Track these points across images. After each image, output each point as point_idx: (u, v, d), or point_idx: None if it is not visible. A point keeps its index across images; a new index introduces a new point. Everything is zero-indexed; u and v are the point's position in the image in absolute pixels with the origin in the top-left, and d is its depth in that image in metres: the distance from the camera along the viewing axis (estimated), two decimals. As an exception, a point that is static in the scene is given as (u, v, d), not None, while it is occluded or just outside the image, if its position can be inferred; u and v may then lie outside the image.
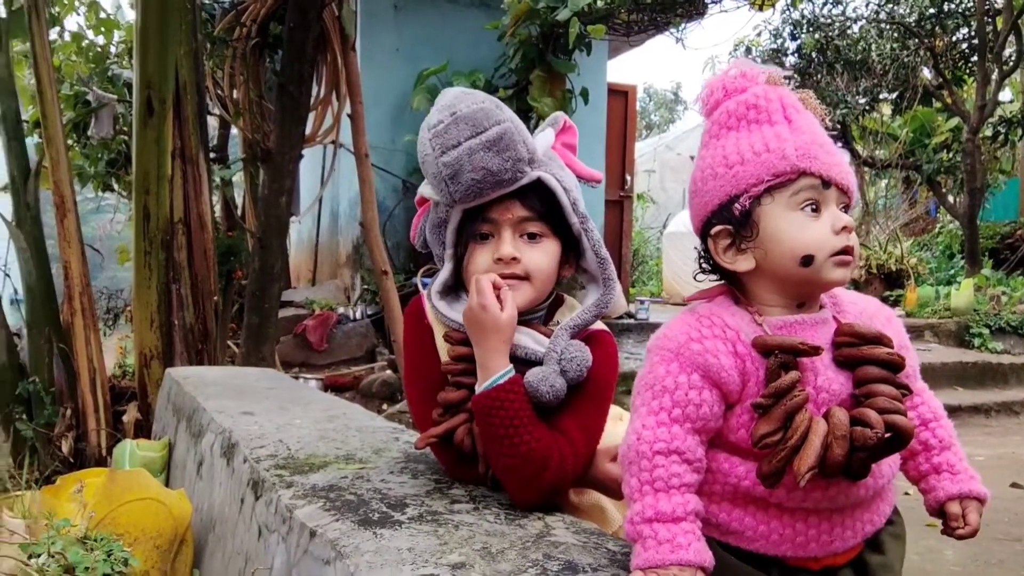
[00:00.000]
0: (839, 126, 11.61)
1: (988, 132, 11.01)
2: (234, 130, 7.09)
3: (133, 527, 1.87)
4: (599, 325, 1.60)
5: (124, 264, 6.34)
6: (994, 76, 10.18)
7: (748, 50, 12.18)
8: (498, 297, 1.46)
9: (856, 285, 9.59)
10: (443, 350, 1.59)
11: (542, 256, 1.52)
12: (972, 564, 3.06)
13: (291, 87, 4.36)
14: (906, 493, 1.30)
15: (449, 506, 1.47)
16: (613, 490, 1.55)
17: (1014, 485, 4.19)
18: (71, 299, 3.80)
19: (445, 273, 1.58)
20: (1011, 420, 6.01)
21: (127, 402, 3.91)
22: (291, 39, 4.41)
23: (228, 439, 2.10)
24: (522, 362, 1.48)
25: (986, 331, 7.69)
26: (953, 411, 5.82)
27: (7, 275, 4.37)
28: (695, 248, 1.28)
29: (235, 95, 5.34)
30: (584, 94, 6.53)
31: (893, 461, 1.24)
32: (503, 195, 1.47)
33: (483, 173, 1.42)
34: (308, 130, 4.79)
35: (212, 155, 6.45)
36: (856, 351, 1.16)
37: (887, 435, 1.09)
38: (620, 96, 8.25)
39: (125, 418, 3.73)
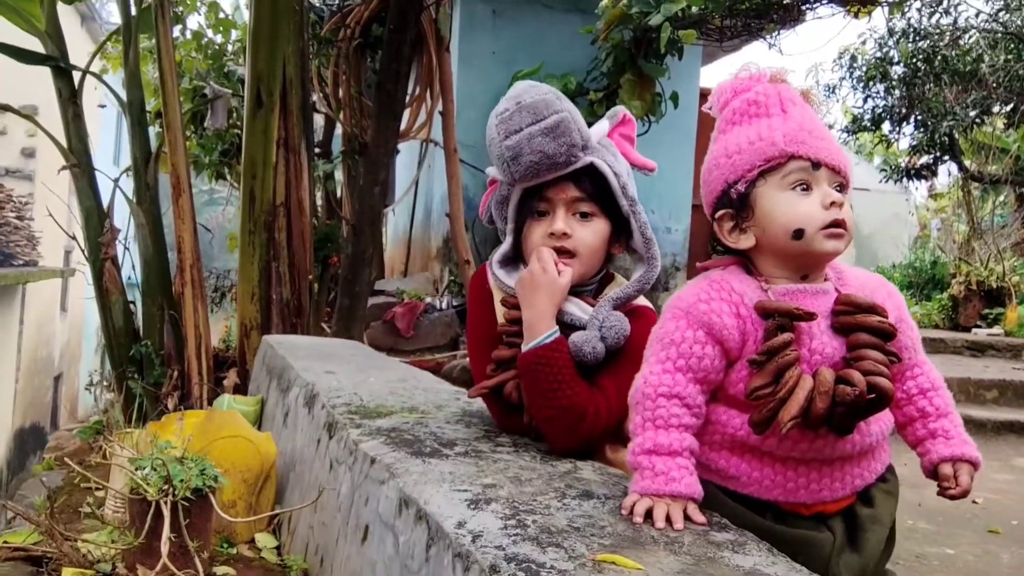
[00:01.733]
0: (946, 138, 11.29)
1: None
2: (338, 129, 7.47)
3: (224, 460, 2.13)
4: (643, 301, 1.78)
5: (233, 251, 6.79)
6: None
7: (853, 58, 11.97)
8: (556, 267, 1.66)
9: (955, 301, 9.34)
10: (500, 313, 1.79)
11: (590, 234, 1.70)
12: (1030, 570, 3.06)
13: (388, 85, 4.64)
14: (974, 501, 1.38)
15: (493, 448, 1.66)
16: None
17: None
18: (183, 271, 4.17)
19: (505, 245, 1.79)
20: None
21: (228, 369, 4.27)
22: (390, 40, 4.69)
23: (311, 391, 2.34)
24: (567, 327, 1.67)
25: (1086, 353, 7.39)
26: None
27: (127, 249, 4.80)
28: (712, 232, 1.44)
29: (339, 93, 5.67)
30: (674, 98, 6.62)
31: (884, 422, 1.36)
32: (558, 177, 1.66)
33: (540, 156, 1.62)
34: (403, 126, 5.06)
35: (316, 149, 6.85)
36: (850, 319, 1.30)
37: (870, 396, 1.22)
38: (713, 101, 8.25)
39: (225, 382, 4.07)
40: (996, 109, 11.73)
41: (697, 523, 1.22)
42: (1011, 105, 11.41)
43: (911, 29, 10.89)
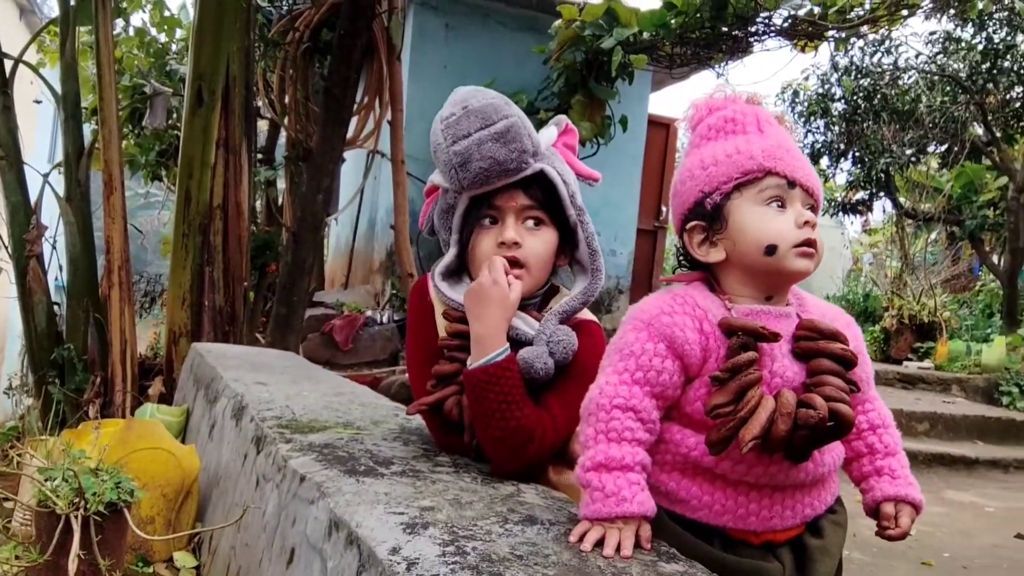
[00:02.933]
0: (883, 175, 11.59)
1: (1034, 192, 10.90)
2: (282, 137, 7.32)
3: (143, 473, 1.99)
4: (588, 315, 1.71)
5: (166, 256, 6.56)
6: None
7: (796, 93, 12.23)
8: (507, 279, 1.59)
9: (887, 334, 9.54)
10: (442, 327, 1.70)
11: (541, 244, 1.64)
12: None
13: (336, 91, 4.54)
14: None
15: (432, 468, 1.58)
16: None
17: (1019, 536, 4.17)
18: (110, 273, 3.98)
19: (449, 257, 1.70)
20: (1030, 477, 5.94)
21: (153, 377, 4.08)
22: (340, 45, 4.59)
23: (239, 402, 2.22)
24: (513, 342, 1.59)
25: (1016, 389, 7.59)
26: (971, 464, 5.82)
27: (54, 247, 4.58)
28: (674, 245, 1.39)
29: (284, 97, 5.54)
30: (623, 122, 6.63)
31: (836, 453, 1.32)
32: (508, 184, 1.59)
33: (490, 162, 1.55)
34: (350, 134, 4.96)
35: (259, 155, 6.69)
36: (813, 344, 1.26)
37: (830, 423, 1.17)
38: (661, 128, 8.35)
39: (150, 391, 3.88)
40: (931, 149, 12.10)
41: (646, 550, 1.16)
42: (945, 146, 11.78)
43: (853, 67, 11.17)
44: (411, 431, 1.92)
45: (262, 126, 7.73)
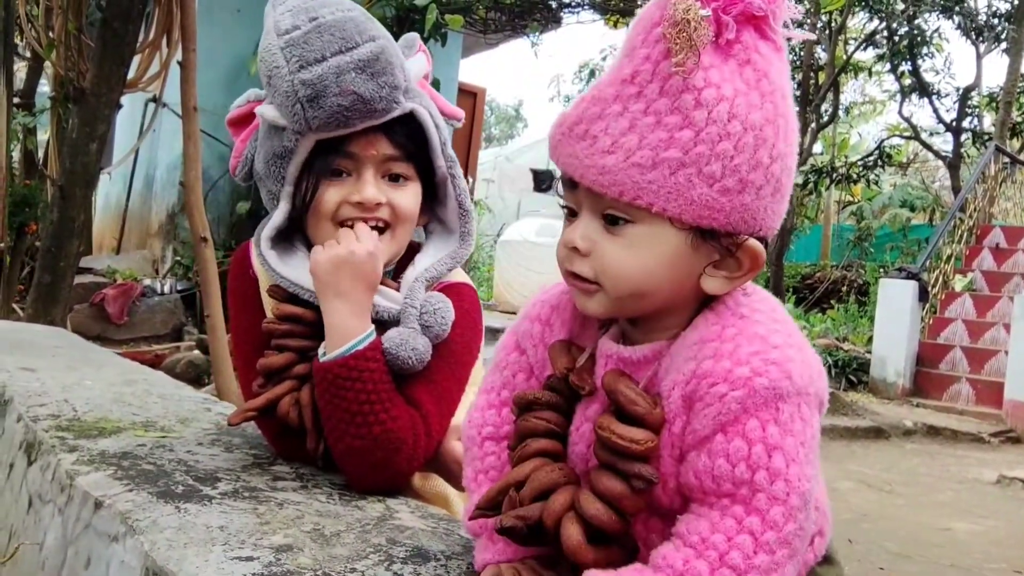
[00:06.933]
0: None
1: (799, 180, 11.83)
2: (44, 84, 6.41)
3: None
4: (460, 276, 1.41)
5: None
6: (812, 127, 10.95)
7: (592, 73, 12.51)
8: None
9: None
10: (269, 307, 1.37)
11: (409, 199, 1.32)
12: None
13: (116, 23, 3.91)
14: None
15: (271, 483, 1.26)
16: (458, 475, 1.39)
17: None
18: None
19: (279, 216, 1.33)
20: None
21: None
22: (122, -29, 3.96)
23: (1, 395, 1.76)
24: (374, 323, 1.27)
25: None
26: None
27: None
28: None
29: (51, 32, 4.76)
30: (436, 85, 6.35)
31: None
32: (369, 127, 1.26)
33: (352, 99, 1.21)
34: (131, 75, 4.32)
35: (16, 100, 5.77)
36: (604, 422, 0.99)
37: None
38: (469, 96, 8.15)
39: None
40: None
41: None
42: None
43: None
44: (231, 431, 1.57)
45: (20, 66, 6.73)
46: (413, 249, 1.40)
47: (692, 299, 0.86)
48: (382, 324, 1.27)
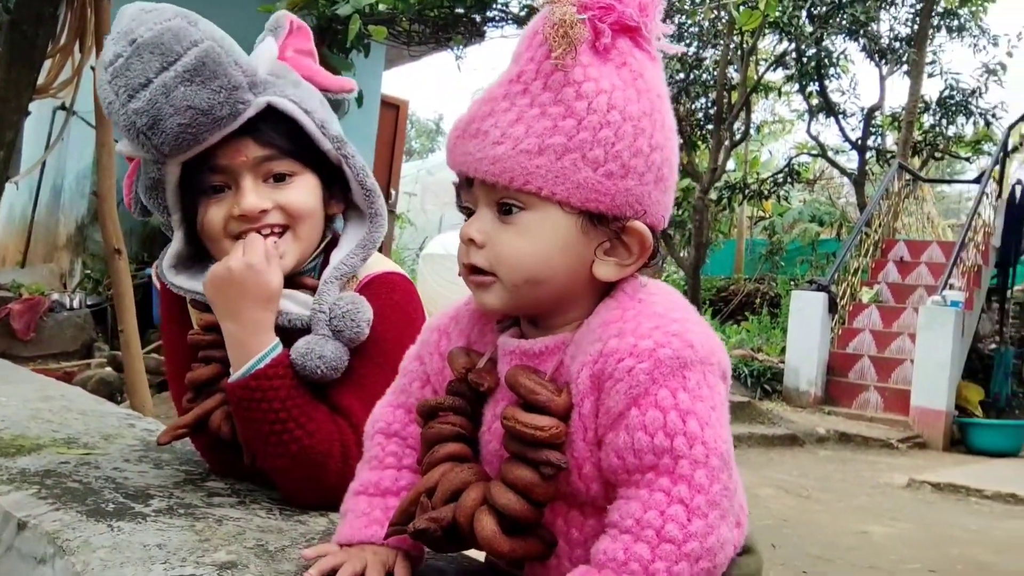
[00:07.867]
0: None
1: (713, 196, 12.14)
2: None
3: None
4: (388, 265, 1.35)
5: None
6: (725, 144, 11.27)
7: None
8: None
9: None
10: (195, 319, 1.33)
11: (300, 195, 1.25)
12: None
13: (26, 25, 3.73)
14: None
15: (207, 499, 1.22)
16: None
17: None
18: None
19: (177, 243, 1.29)
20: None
21: None
22: (31, -27, 3.79)
23: (-98, 414, 1.65)
24: (285, 332, 1.22)
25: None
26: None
27: None
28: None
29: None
30: (359, 98, 6.29)
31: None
32: (227, 135, 1.20)
33: (190, 114, 1.14)
34: (41, 80, 4.14)
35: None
36: (511, 414, 1.00)
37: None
38: (392, 109, 8.09)
39: None
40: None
41: None
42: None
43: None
44: (159, 448, 1.51)
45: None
46: (335, 240, 1.35)
47: (589, 289, 0.89)
48: (297, 332, 1.23)
